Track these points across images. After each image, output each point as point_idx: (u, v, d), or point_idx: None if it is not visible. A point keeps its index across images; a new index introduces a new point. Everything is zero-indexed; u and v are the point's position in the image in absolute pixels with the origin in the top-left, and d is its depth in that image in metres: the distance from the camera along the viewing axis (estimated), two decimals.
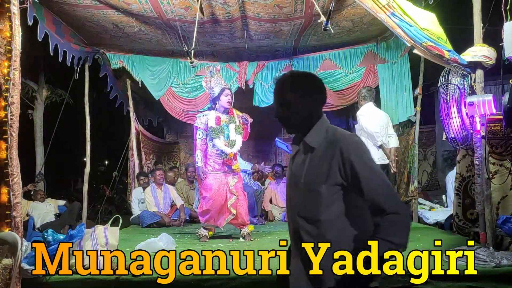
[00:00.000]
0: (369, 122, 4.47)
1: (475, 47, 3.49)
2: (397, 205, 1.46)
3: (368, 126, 4.46)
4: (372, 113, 4.57)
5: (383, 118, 4.61)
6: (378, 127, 4.41)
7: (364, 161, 1.48)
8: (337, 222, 1.54)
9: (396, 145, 4.57)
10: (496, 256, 3.02)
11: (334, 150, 1.51)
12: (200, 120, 4.48)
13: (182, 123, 8.40)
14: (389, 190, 1.49)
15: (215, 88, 4.49)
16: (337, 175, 1.50)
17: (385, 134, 4.47)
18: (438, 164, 9.27)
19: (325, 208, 1.53)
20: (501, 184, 3.69)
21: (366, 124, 4.48)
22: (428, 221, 5.79)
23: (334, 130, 1.58)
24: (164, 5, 4.82)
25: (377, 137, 4.41)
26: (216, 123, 4.39)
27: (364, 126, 4.50)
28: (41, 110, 7.80)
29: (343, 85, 6.63)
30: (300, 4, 4.83)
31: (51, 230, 3.01)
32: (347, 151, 1.49)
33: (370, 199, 1.47)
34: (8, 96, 2.68)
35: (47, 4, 4.73)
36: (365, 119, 4.51)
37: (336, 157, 1.50)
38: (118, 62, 6.49)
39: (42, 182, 7.51)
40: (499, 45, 3.47)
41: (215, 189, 4.35)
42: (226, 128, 4.44)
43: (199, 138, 4.45)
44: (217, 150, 4.40)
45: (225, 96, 4.43)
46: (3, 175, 2.65)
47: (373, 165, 1.50)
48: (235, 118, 4.51)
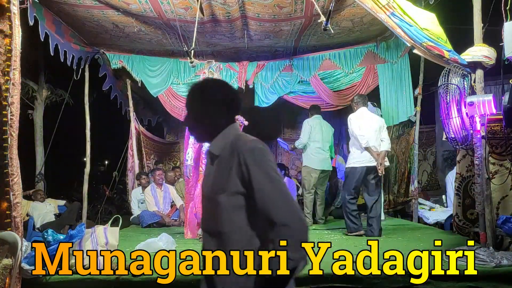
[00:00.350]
0: (355, 125, 4.64)
1: (475, 47, 3.49)
2: (288, 217, 1.36)
3: (354, 129, 4.64)
4: (360, 118, 4.71)
5: (375, 122, 4.72)
6: (364, 131, 4.55)
7: (261, 168, 1.40)
8: (239, 233, 1.45)
9: (387, 149, 4.64)
10: (496, 256, 3.02)
11: (234, 157, 1.43)
12: None
13: (182, 123, 8.41)
14: (284, 201, 1.38)
15: None
16: (238, 183, 1.43)
17: (374, 137, 4.59)
18: (438, 164, 9.27)
19: (226, 219, 1.45)
20: (501, 184, 3.69)
21: (352, 127, 4.66)
22: (428, 221, 5.79)
23: (238, 137, 1.50)
24: (164, 5, 4.82)
25: (361, 140, 4.55)
26: None
27: (351, 129, 4.70)
28: (41, 110, 7.79)
29: (343, 85, 6.64)
30: (300, 4, 4.83)
31: (51, 230, 3.01)
32: (244, 157, 1.41)
33: (261, 209, 1.39)
34: (8, 96, 2.68)
35: (47, 4, 4.73)
36: (352, 122, 4.68)
37: (235, 164, 1.43)
38: (118, 62, 6.50)
39: (42, 182, 7.51)
40: (499, 45, 3.47)
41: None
42: None
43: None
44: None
45: None
46: (3, 175, 2.65)
47: (272, 174, 1.40)
48: None
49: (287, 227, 1.35)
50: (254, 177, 1.39)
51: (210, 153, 1.55)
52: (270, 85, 6.80)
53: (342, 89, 6.66)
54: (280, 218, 1.36)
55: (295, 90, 6.85)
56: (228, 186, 1.44)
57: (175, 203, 6.27)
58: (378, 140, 4.62)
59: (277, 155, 9.32)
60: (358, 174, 4.60)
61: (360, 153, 4.60)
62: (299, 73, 6.70)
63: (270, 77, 6.78)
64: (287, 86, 6.79)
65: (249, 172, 1.40)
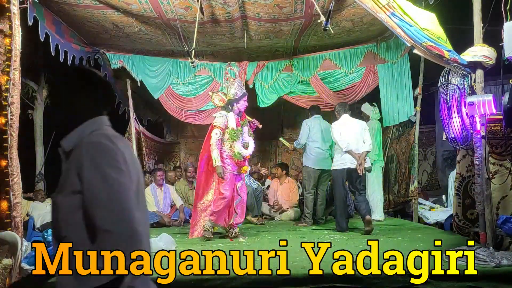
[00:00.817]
0: (336, 132, 5.07)
1: (475, 47, 3.49)
2: (113, 222, 1.21)
3: (335, 135, 5.08)
4: (342, 125, 5.11)
5: (356, 126, 5.08)
6: (345, 136, 4.98)
7: (96, 165, 1.26)
8: (76, 238, 1.30)
9: (367, 149, 4.95)
10: (496, 256, 3.02)
11: (76, 154, 1.31)
12: (219, 120, 4.54)
13: (182, 123, 8.41)
14: (112, 205, 1.23)
15: (238, 90, 4.63)
16: (76, 181, 1.28)
17: (356, 141, 4.96)
18: (438, 164, 9.27)
19: (64, 221, 1.31)
20: (501, 184, 3.69)
21: (333, 134, 5.12)
22: (428, 221, 5.79)
23: (90, 133, 1.36)
24: (164, 5, 4.82)
25: (341, 144, 4.96)
26: (237, 125, 4.55)
27: (333, 136, 5.17)
28: (41, 110, 7.78)
29: (343, 85, 6.64)
30: (300, 4, 4.84)
31: (51, 230, 3.01)
32: (81, 152, 1.29)
33: (86, 210, 1.25)
34: (8, 96, 2.68)
35: (47, 4, 4.73)
36: (334, 130, 5.12)
37: (75, 160, 1.30)
38: (118, 62, 6.49)
39: (42, 182, 7.50)
40: (499, 45, 3.47)
41: (231, 189, 4.47)
42: (242, 130, 4.62)
43: (216, 137, 4.47)
44: (234, 151, 4.49)
45: (244, 101, 4.65)
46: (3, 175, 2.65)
47: (108, 174, 1.25)
48: (246, 121, 4.71)
49: (109, 234, 1.21)
50: (85, 174, 1.26)
51: (61, 148, 1.40)
52: (270, 85, 6.80)
53: (342, 89, 6.66)
54: (103, 223, 1.21)
55: (295, 90, 6.85)
56: (68, 185, 1.30)
57: (175, 203, 6.26)
58: (359, 142, 4.97)
59: (276, 155, 9.32)
60: (341, 175, 5.03)
61: (340, 157, 5.00)
62: (299, 73, 6.70)
63: (270, 77, 6.79)
64: (287, 86, 6.79)
65: (82, 168, 1.27)
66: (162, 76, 6.68)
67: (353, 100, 6.58)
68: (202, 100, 6.81)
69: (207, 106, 6.83)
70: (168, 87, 6.75)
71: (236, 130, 4.51)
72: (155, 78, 6.66)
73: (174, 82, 6.75)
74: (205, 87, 6.81)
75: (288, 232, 5.07)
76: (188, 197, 6.67)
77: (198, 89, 6.81)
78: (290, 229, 5.34)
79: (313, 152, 5.64)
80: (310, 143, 5.66)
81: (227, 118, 4.54)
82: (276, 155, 9.31)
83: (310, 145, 5.65)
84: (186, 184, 6.73)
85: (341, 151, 4.97)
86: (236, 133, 4.49)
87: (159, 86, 6.72)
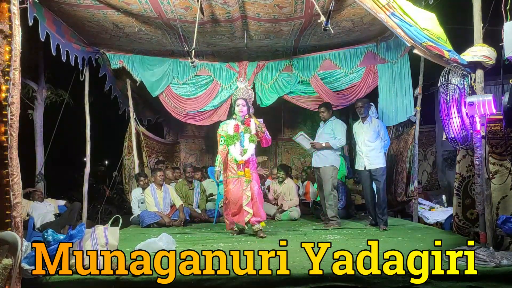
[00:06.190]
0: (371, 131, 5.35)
1: (475, 47, 3.49)
2: None
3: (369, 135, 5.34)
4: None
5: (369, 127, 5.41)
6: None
7: None
8: None
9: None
10: (496, 256, 3.01)
11: None
12: (222, 128, 4.92)
13: (182, 124, 8.40)
14: None
15: (237, 95, 4.96)
16: None
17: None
18: (438, 164, 9.28)
19: None
20: (501, 184, 3.69)
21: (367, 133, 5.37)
22: (428, 221, 5.79)
23: None
24: (164, 5, 4.82)
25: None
26: (234, 130, 4.79)
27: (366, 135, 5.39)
28: (41, 110, 7.79)
29: (343, 85, 6.63)
30: (300, 4, 4.84)
31: (51, 230, 3.01)
32: None
33: None
34: (8, 96, 2.68)
35: (47, 4, 4.73)
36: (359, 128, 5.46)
37: None
38: (118, 62, 6.50)
39: (42, 182, 7.51)
40: (499, 45, 3.47)
41: (234, 193, 4.73)
42: (242, 136, 4.79)
43: (221, 144, 4.88)
44: (231, 156, 4.78)
45: (238, 106, 4.83)
46: (3, 175, 2.65)
47: None
48: (251, 128, 4.84)
49: None
50: None
51: None
52: (270, 85, 6.80)
53: (342, 89, 6.65)
54: None
55: (295, 90, 6.85)
56: None
57: (175, 203, 6.26)
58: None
59: (276, 155, 9.32)
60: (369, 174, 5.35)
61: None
62: (299, 73, 6.70)
63: (270, 77, 6.78)
64: (287, 86, 6.79)
65: None
66: (162, 76, 6.68)
67: (353, 100, 6.57)
68: (202, 100, 6.81)
69: (207, 107, 6.83)
70: (168, 88, 6.75)
71: (231, 136, 4.77)
72: (155, 78, 6.66)
73: (174, 82, 6.75)
74: (205, 88, 6.81)
75: (288, 232, 5.07)
76: (188, 197, 6.67)
77: (198, 90, 6.81)
78: (290, 229, 5.34)
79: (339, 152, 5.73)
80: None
81: (228, 126, 4.86)
82: (276, 155, 9.31)
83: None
84: (186, 184, 6.73)
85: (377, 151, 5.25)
86: (231, 139, 4.77)
87: (159, 86, 6.72)
